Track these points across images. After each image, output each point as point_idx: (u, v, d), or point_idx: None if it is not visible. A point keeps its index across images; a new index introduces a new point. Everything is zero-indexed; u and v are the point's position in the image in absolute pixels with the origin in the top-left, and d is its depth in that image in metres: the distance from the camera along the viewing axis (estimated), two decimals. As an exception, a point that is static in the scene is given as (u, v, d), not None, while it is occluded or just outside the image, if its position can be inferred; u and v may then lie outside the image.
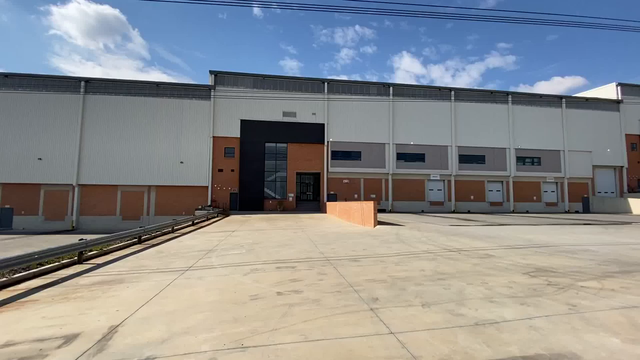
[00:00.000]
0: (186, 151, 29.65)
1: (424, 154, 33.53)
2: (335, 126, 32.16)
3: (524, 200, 34.97)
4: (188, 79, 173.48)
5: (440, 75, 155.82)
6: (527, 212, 33.18)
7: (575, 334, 3.36)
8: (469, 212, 32.12)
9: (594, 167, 36.11)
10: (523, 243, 9.92)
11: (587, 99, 37.31)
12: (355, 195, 31.97)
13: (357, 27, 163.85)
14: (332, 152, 32.00)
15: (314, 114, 31.96)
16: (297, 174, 32.54)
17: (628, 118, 36.91)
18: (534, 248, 8.96)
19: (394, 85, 33.90)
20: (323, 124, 31.92)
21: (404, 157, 33.26)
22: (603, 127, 36.49)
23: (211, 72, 30.88)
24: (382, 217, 20.77)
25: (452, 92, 34.64)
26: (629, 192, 35.90)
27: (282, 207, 30.20)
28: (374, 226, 14.60)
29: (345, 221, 19.07)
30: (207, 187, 29.69)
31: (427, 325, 3.56)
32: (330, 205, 26.14)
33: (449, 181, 33.82)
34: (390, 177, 32.78)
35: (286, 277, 5.96)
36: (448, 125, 34.03)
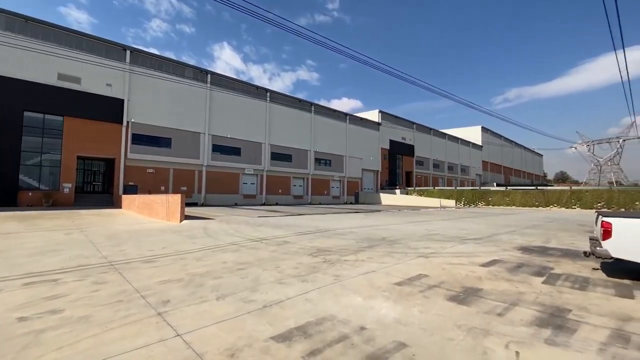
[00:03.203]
0: None
1: (240, 149, 34.20)
2: (140, 105, 27.40)
3: (319, 194, 42.36)
4: None
5: (258, 76, 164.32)
6: (320, 203, 40.34)
7: (336, 299, 4.29)
8: (276, 204, 35.54)
9: (363, 170, 48.45)
10: (312, 229, 11.93)
11: (361, 119, 49.47)
12: (162, 188, 28.54)
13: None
14: (134, 135, 27.14)
15: (109, 85, 25.94)
16: (80, 158, 25.57)
17: (383, 136, 51.82)
18: (319, 233, 10.94)
19: (212, 73, 32.62)
20: (122, 100, 26.48)
21: (220, 149, 32.67)
22: (369, 141, 49.50)
23: None
24: (192, 211, 19.55)
25: (268, 94, 37.15)
26: (381, 188, 50.54)
27: (52, 202, 22.82)
28: (180, 221, 13.49)
29: (147, 217, 16.63)
30: None
31: (218, 318, 3.57)
32: (127, 198, 22.07)
33: (262, 176, 36.16)
34: (204, 169, 31.37)
35: (40, 295, 4.45)
36: (263, 123, 36.24)
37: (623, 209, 29.31)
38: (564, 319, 3.70)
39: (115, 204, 25.16)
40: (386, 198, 44.04)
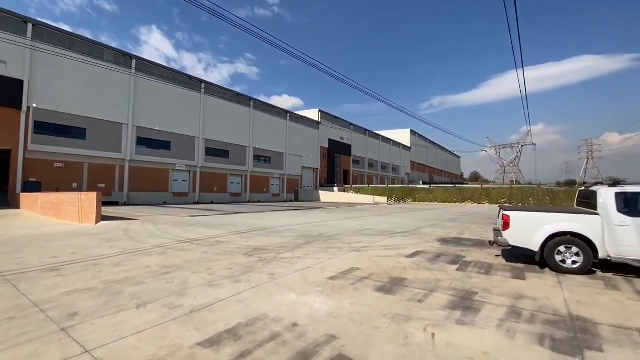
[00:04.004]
0: None
1: (170, 142, 31.62)
2: (45, 88, 23.51)
3: (258, 191, 41.44)
4: None
5: (192, 65, 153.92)
6: (259, 201, 39.53)
7: (269, 298, 4.23)
8: (212, 202, 33.77)
9: (303, 167, 48.82)
10: (249, 228, 11.61)
11: (302, 117, 49.72)
12: (75, 185, 24.96)
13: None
14: (37, 123, 23.22)
15: (2, 62, 21.69)
16: (-41, 148, 20.96)
17: (322, 135, 52.84)
18: (256, 231, 10.71)
19: (138, 58, 29.50)
20: (21, 81, 22.42)
21: (146, 142, 29.76)
22: (309, 140, 50.05)
23: None
24: (112, 211, 17.51)
25: (203, 85, 35.01)
26: (321, 186, 51.55)
27: None
28: (96, 223, 11.96)
29: (53, 219, 14.39)
30: None
31: (137, 328, 3.24)
32: (28, 197, 18.83)
33: (195, 172, 33.98)
34: (127, 164, 28.27)
35: None
36: (197, 116, 34.03)
37: (520, 204, 34.69)
38: (471, 301, 4.21)
39: (12, 203, 21.22)
40: (325, 195, 45.09)
